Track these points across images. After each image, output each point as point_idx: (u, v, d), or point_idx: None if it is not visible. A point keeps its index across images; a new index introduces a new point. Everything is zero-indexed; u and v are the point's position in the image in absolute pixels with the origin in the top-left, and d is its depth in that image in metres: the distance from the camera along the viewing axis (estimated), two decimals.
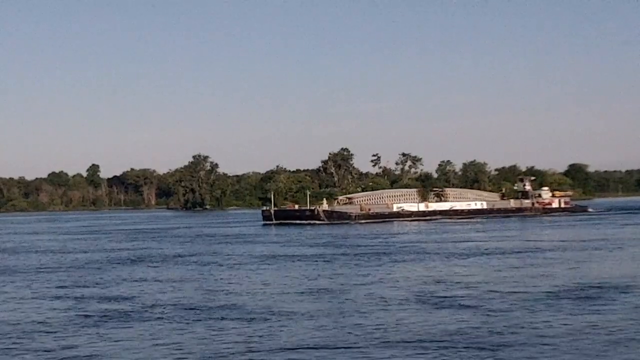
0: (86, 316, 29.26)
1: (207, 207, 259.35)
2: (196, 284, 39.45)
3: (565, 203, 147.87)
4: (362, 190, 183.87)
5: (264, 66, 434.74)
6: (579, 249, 56.53)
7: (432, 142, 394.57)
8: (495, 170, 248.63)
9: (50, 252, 68.06)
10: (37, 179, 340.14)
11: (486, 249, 57.65)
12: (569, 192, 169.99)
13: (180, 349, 22.95)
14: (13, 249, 73.47)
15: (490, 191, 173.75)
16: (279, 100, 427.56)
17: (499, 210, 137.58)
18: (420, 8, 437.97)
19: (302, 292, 34.74)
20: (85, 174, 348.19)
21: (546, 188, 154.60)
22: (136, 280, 41.65)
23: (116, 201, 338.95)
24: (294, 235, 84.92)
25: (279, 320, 27.18)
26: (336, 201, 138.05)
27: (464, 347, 22.17)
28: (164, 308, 30.74)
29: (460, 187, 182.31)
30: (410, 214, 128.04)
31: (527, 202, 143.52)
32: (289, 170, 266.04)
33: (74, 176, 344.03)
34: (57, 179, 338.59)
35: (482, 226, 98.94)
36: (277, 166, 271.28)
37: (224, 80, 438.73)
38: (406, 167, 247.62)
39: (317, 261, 50.99)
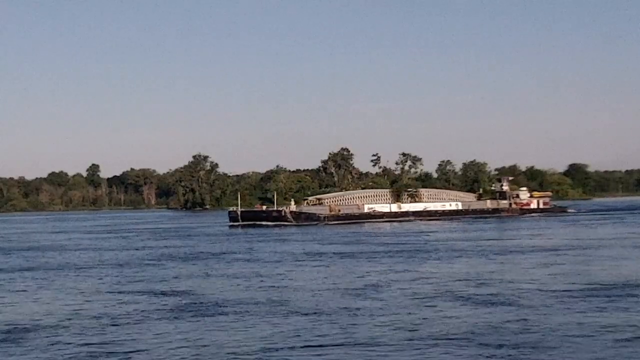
0: (151, 310, 30.30)
1: (207, 207, 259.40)
2: (246, 280, 40.41)
3: (545, 204, 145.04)
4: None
5: (263, 66, 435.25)
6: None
7: (432, 142, 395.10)
8: (495, 170, 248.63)
9: (90, 249, 68.94)
10: (37, 178, 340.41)
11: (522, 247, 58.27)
12: (548, 193, 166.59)
13: (241, 342, 23.75)
14: (50, 247, 73.87)
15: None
16: (279, 100, 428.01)
17: (474, 211, 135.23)
18: (420, 8, 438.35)
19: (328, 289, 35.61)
20: (85, 174, 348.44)
21: (524, 188, 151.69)
22: (189, 276, 43.07)
23: (116, 201, 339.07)
24: (255, 237, 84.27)
25: (326, 316, 28.04)
26: (305, 202, 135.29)
27: (502, 345, 22.55)
28: (222, 303, 31.84)
29: (435, 187, 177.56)
30: (382, 215, 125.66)
31: (504, 203, 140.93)
32: (289, 170, 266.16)
33: (74, 176, 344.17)
34: (57, 179, 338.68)
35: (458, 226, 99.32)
36: (277, 166, 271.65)
37: (223, 80, 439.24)
38: (406, 167, 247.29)
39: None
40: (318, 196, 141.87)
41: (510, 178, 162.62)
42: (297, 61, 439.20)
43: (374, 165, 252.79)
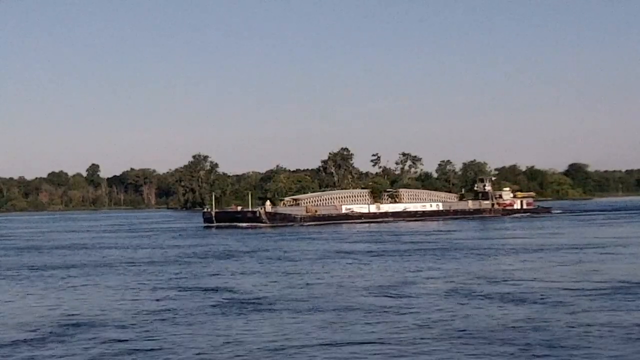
0: (194, 306, 31.12)
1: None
2: (282, 278, 40.97)
3: (528, 204, 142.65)
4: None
5: (263, 66, 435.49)
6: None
7: (432, 142, 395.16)
8: (495, 170, 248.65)
9: (117, 248, 69.41)
10: (37, 178, 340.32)
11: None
12: (532, 193, 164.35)
13: (280, 337, 24.26)
14: (78, 246, 74.17)
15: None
16: (279, 100, 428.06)
17: (455, 212, 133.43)
18: (420, 8, 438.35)
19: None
20: (85, 174, 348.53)
21: (507, 189, 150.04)
22: (227, 274, 43.79)
23: (116, 201, 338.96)
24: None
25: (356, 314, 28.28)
26: (282, 202, 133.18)
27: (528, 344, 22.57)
28: (257, 300, 32.37)
29: (416, 188, 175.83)
30: (360, 216, 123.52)
31: (486, 203, 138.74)
32: (289, 170, 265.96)
33: (73, 176, 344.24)
34: (57, 179, 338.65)
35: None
36: (277, 166, 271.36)
37: (223, 80, 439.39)
38: (406, 167, 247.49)
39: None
40: (295, 196, 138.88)
41: (493, 178, 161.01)
42: (297, 61, 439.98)
43: (374, 165, 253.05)
